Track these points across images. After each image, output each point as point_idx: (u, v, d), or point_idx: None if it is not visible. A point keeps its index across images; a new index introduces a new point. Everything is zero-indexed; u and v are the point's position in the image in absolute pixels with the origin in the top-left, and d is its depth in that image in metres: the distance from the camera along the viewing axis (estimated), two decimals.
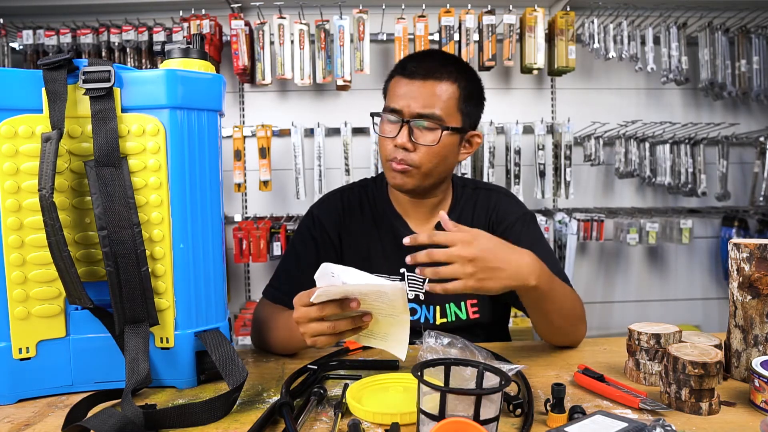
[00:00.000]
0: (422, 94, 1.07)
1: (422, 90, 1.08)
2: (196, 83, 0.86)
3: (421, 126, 1.08)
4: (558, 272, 1.13)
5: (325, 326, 0.82)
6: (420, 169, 1.09)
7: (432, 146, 1.08)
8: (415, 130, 1.08)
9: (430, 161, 1.09)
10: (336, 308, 0.81)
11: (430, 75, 1.08)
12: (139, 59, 2.39)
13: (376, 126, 1.17)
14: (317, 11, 2.34)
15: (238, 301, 2.62)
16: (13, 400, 0.83)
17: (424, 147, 1.08)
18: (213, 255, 0.90)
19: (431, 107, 1.07)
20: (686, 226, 2.53)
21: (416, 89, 1.08)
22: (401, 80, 1.10)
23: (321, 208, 1.24)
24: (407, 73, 1.09)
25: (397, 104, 1.09)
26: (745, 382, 0.88)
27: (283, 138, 2.55)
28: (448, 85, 1.09)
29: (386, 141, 1.11)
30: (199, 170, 0.87)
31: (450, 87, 1.09)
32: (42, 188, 0.76)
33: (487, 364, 0.72)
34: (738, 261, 0.88)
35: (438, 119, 1.07)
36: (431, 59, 1.12)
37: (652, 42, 2.45)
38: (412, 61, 1.12)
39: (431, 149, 1.08)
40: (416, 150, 1.08)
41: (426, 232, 0.86)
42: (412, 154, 1.08)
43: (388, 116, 1.11)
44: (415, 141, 1.08)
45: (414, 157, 1.08)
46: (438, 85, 1.08)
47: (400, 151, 1.08)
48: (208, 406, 0.75)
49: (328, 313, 0.82)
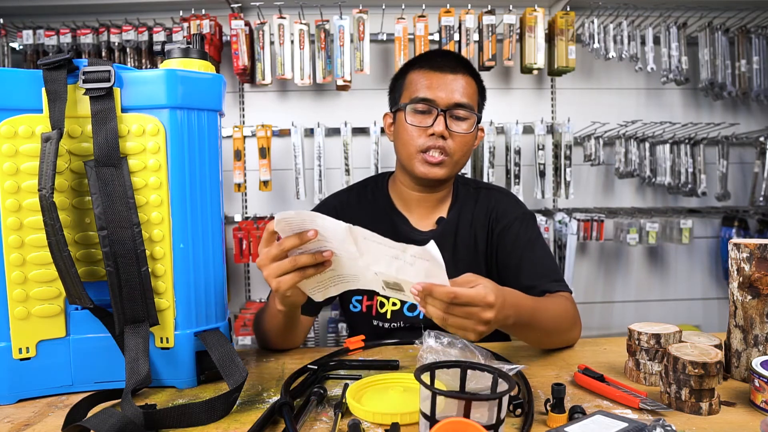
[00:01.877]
0: (456, 85, 1.13)
1: (455, 82, 1.13)
2: (196, 83, 0.86)
3: (456, 116, 1.13)
4: (553, 272, 1.14)
5: (287, 262, 0.78)
6: (453, 158, 1.14)
7: (466, 134, 1.13)
8: (449, 119, 1.12)
9: (461, 149, 1.14)
10: (296, 239, 0.77)
11: (457, 69, 1.14)
12: (139, 59, 2.39)
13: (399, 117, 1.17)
14: (317, 11, 2.34)
15: (238, 301, 2.62)
16: (13, 400, 0.83)
17: (459, 135, 1.13)
18: (213, 255, 0.90)
19: (464, 98, 1.13)
20: (686, 226, 2.53)
21: (449, 81, 1.13)
22: (428, 73, 1.14)
23: (320, 209, 1.26)
24: (435, 67, 1.14)
25: (430, 94, 1.12)
26: (745, 382, 0.88)
27: (283, 138, 2.54)
28: (470, 79, 1.16)
29: (418, 131, 1.13)
30: (199, 170, 0.87)
31: (472, 82, 1.16)
32: (42, 188, 0.76)
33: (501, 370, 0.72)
34: (738, 261, 0.88)
35: (471, 108, 1.14)
36: (450, 56, 1.18)
37: (652, 42, 2.45)
38: (433, 57, 1.17)
39: (465, 138, 1.14)
40: (452, 137, 1.13)
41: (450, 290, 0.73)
42: (448, 141, 1.12)
43: (417, 107, 1.13)
44: (450, 129, 1.12)
45: (450, 145, 1.13)
46: (465, 78, 1.15)
47: (437, 139, 1.11)
48: (208, 406, 0.75)
49: (288, 246, 0.77)
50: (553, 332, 1.01)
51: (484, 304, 0.75)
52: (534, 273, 1.13)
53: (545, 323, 0.97)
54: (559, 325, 1.01)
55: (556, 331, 1.01)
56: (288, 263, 0.79)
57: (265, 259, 0.80)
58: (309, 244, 0.78)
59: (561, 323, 1.02)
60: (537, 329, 0.96)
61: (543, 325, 0.96)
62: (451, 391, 0.71)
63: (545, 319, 0.96)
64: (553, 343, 1.04)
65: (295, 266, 0.79)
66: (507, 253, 1.18)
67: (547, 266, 1.15)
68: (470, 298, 0.74)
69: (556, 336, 1.03)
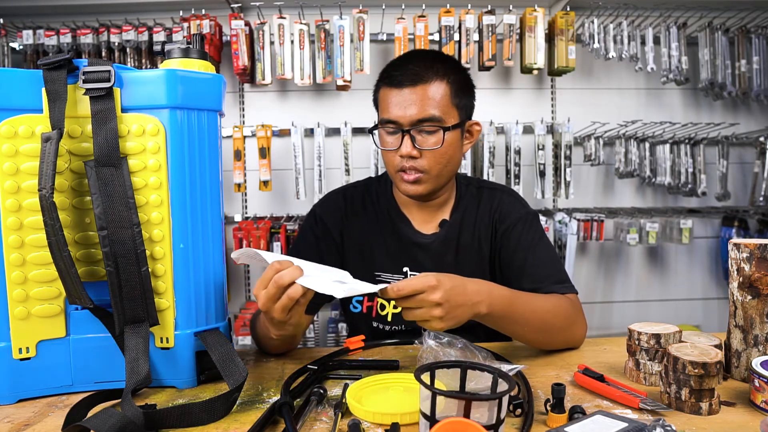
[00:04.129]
0: (415, 100, 1.06)
1: (414, 96, 1.06)
2: (196, 83, 0.86)
3: (422, 131, 1.07)
4: (557, 274, 1.12)
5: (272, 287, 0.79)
6: (430, 173, 1.09)
7: (437, 148, 1.08)
8: (417, 136, 1.08)
9: (438, 163, 1.09)
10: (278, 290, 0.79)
11: (418, 79, 1.06)
12: (139, 59, 2.39)
13: (375, 137, 1.16)
14: (317, 11, 2.34)
15: (238, 301, 2.62)
16: (13, 400, 0.83)
17: (430, 151, 1.08)
18: (213, 255, 0.90)
19: (427, 110, 1.06)
20: (686, 226, 2.53)
21: (407, 96, 1.06)
22: (390, 90, 1.08)
23: (323, 207, 1.24)
24: (394, 83, 1.08)
25: (393, 115, 1.07)
26: (745, 382, 0.88)
27: (283, 138, 2.55)
28: (437, 85, 1.07)
29: (390, 153, 1.10)
30: (199, 170, 0.87)
31: (440, 85, 1.07)
32: (42, 188, 0.76)
33: (501, 370, 0.72)
34: (738, 261, 0.88)
35: (437, 120, 1.07)
36: (414, 63, 1.09)
37: (652, 42, 2.45)
38: (395, 69, 1.09)
39: (437, 152, 1.08)
40: (423, 155, 1.08)
41: (394, 286, 0.82)
42: (419, 160, 1.08)
43: (386, 128, 1.10)
44: (419, 147, 1.08)
45: (423, 163, 1.08)
46: (428, 87, 1.07)
47: (407, 160, 1.08)
48: (208, 406, 0.75)
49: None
50: (543, 329, 0.99)
51: (428, 287, 0.81)
52: (537, 275, 1.11)
53: (529, 317, 0.96)
54: (549, 322, 1.00)
55: (545, 327, 0.99)
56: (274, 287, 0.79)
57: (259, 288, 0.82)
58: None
59: (550, 320, 1.00)
60: (520, 323, 0.95)
61: (526, 319, 0.96)
62: (451, 391, 0.71)
63: (528, 313, 0.96)
64: (551, 342, 1.03)
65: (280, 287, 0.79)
66: (510, 254, 1.16)
67: (550, 267, 1.13)
68: (412, 287, 0.81)
69: (549, 334, 1.01)
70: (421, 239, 1.19)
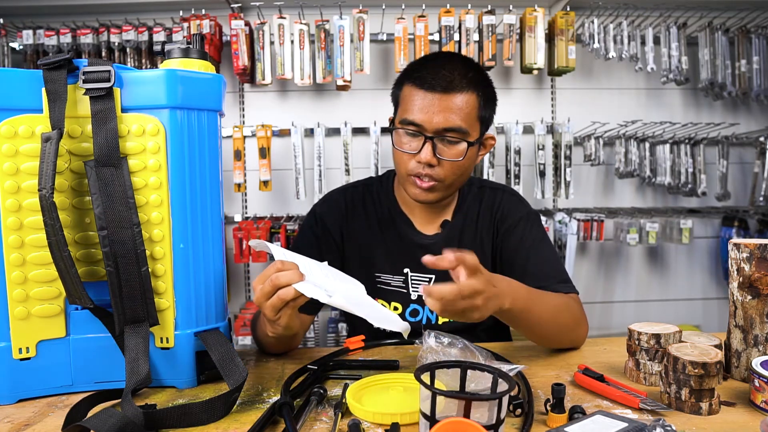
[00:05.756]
0: (445, 107, 1.02)
1: (444, 103, 1.02)
2: (196, 83, 0.86)
3: (444, 140, 1.04)
4: (559, 273, 1.12)
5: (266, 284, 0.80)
6: (444, 183, 1.07)
7: (458, 161, 1.05)
8: (439, 144, 1.04)
9: (454, 174, 1.07)
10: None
11: (451, 87, 1.03)
12: (139, 59, 2.39)
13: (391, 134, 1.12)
14: (317, 11, 2.34)
15: (238, 301, 2.62)
16: (13, 400, 0.83)
17: (449, 162, 1.05)
18: (213, 255, 0.90)
19: (454, 121, 1.03)
20: (686, 226, 2.53)
21: (438, 103, 1.02)
22: (417, 91, 1.04)
23: (323, 206, 1.23)
24: (425, 85, 1.03)
25: (417, 118, 1.03)
26: (745, 382, 0.88)
27: (283, 138, 2.55)
28: (468, 96, 1.04)
29: (406, 155, 1.07)
30: (199, 170, 0.87)
31: (471, 97, 1.04)
32: (42, 188, 0.76)
33: (501, 370, 0.72)
34: (738, 261, 0.88)
35: (462, 132, 1.04)
36: (449, 68, 1.05)
37: (652, 42, 2.45)
38: (428, 71, 1.04)
39: (456, 163, 1.06)
40: (440, 164, 1.05)
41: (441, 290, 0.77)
42: (437, 168, 1.05)
43: (406, 129, 1.06)
44: (439, 156, 1.05)
45: (439, 172, 1.06)
46: (459, 96, 1.03)
47: (424, 167, 1.05)
48: (208, 406, 0.75)
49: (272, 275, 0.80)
50: (554, 325, 0.99)
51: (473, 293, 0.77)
52: (539, 274, 1.10)
53: (544, 315, 0.96)
54: (560, 319, 1.00)
55: (556, 324, 0.99)
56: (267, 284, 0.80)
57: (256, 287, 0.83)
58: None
59: (561, 317, 1.00)
60: (535, 320, 0.94)
61: (542, 317, 0.95)
62: (451, 391, 0.71)
63: (543, 309, 0.95)
64: (560, 340, 1.03)
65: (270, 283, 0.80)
66: (512, 254, 1.16)
67: (552, 267, 1.13)
68: (459, 293, 0.76)
69: (559, 331, 1.01)
70: (422, 240, 1.19)
